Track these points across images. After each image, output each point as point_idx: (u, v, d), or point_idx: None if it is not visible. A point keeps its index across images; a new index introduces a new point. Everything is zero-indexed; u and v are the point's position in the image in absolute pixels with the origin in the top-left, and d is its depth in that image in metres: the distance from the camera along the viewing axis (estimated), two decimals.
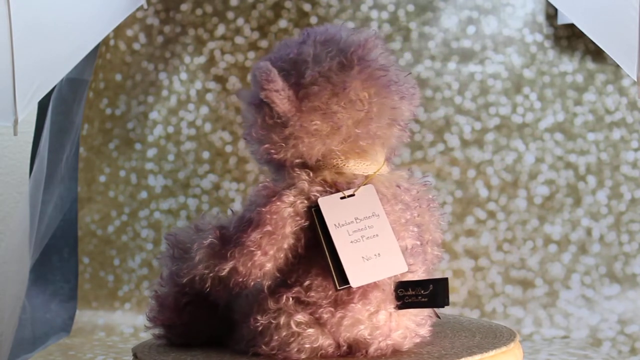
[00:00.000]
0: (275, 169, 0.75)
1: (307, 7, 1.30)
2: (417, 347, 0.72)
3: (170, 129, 1.32)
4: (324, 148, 0.72)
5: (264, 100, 0.71)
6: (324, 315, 0.69)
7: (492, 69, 1.27)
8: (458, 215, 1.26)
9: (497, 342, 0.75)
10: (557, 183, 1.25)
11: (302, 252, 0.71)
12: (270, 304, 0.70)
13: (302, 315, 0.69)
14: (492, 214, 1.26)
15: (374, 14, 1.29)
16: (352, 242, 0.70)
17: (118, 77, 1.33)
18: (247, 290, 0.73)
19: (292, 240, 0.70)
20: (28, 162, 1.38)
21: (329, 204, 0.70)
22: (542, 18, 1.27)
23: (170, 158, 1.32)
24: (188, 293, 0.77)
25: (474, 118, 1.26)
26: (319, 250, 0.70)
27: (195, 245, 0.73)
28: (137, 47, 1.33)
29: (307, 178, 0.72)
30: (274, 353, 0.70)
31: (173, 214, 1.31)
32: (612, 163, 1.25)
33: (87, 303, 1.31)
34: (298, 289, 0.70)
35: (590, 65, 1.26)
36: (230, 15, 1.31)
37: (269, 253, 0.70)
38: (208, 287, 0.72)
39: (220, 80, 1.31)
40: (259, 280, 0.71)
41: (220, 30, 1.31)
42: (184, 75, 1.32)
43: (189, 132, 1.32)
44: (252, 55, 1.30)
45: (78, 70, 1.30)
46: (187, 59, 1.32)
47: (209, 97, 1.31)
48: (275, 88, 0.71)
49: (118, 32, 1.32)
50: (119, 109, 1.33)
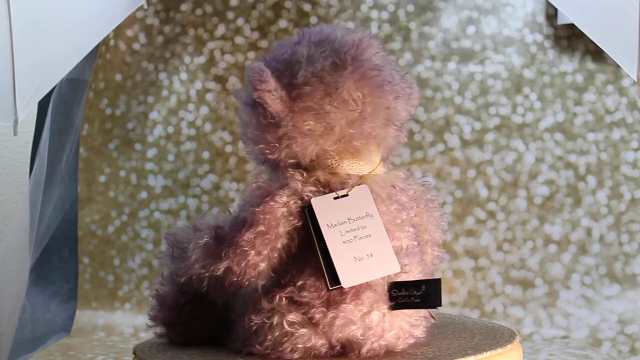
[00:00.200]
0: (271, 169, 0.76)
1: (307, 7, 1.30)
2: (412, 348, 0.72)
3: (170, 129, 1.32)
4: (318, 148, 0.72)
5: (258, 101, 0.72)
6: (316, 316, 0.68)
7: (492, 69, 1.27)
8: (458, 215, 1.26)
9: (496, 342, 0.74)
10: (557, 183, 1.25)
11: (296, 252, 0.71)
12: (264, 304, 0.71)
13: (294, 315, 0.69)
14: (492, 214, 1.26)
15: (374, 14, 1.29)
16: (344, 242, 0.70)
17: (118, 77, 1.33)
18: (244, 290, 0.73)
19: (285, 240, 0.71)
20: (28, 162, 1.38)
21: (322, 204, 0.70)
22: (542, 18, 1.27)
23: (170, 158, 1.32)
24: (187, 292, 0.77)
25: (474, 118, 1.26)
26: (313, 251, 0.70)
27: (191, 245, 0.73)
28: (137, 47, 1.33)
29: (300, 178, 0.72)
30: (268, 353, 0.70)
31: (173, 214, 1.31)
32: (612, 163, 1.25)
33: (87, 303, 1.31)
34: (291, 289, 0.70)
35: (590, 65, 1.26)
36: (230, 15, 1.31)
37: (263, 253, 0.70)
38: (205, 286, 0.73)
39: (220, 80, 1.31)
40: (254, 280, 0.71)
41: (220, 30, 1.31)
42: (184, 75, 1.32)
43: (189, 132, 1.32)
44: (252, 55, 1.30)
45: (78, 70, 1.30)
46: (187, 59, 1.32)
47: (209, 97, 1.31)
48: (268, 88, 0.71)
49: (118, 32, 1.32)
50: (119, 109, 1.33)
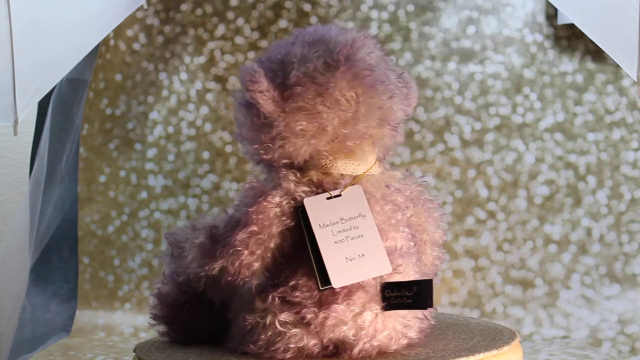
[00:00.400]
0: (267, 169, 0.76)
1: (307, 7, 1.30)
2: (407, 349, 0.72)
3: (170, 129, 1.32)
4: (311, 148, 0.72)
5: (251, 101, 0.72)
6: (308, 315, 0.68)
7: (492, 69, 1.27)
8: (458, 215, 1.26)
9: (496, 342, 0.74)
10: (557, 183, 1.25)
11: (290, 252, 0.71)
12: (258, 304, 0.71)
13: (286, 315, 0.69)
14: (492, 214, 1.26)
15: (374, 14, 1.29)
16: (336, 242, 0.70)
17: (118, 77, 1.33)
18: (240, 290, 0.73)
19: (279, 240, 0.71)
20: (28, 162, 1.38)
21: (315, 204, 0.70)
22: (542, 18, 1.27)
23: (170, 158, 1.32)
24: (187, 292, 0.78)
25: (474, 118, 1.26)
26: (306, 251, 0.70)
27: (188, 245, 0.74)
28: (137, 47, 1.33)
29: (294, 178, 0.72)
30: (261, 352, 0.70)
31: (173, 214, 1.31)
32: (612, 163, 1.25)
33: (87, 303, 1.31)
34: (284, 289, 0.70)
35: (590, 65, 1.26)
36: (230, 15, 1.31)
37: (256, 253, 0.70)
38: (202, 285, 0.73)
39: (220, 80, 1.31)
40: (248, 280, 0.71)
41: (220, 30, 1.31)
42: (184, 75, 1.32)
43: (189, 132, 1.32)
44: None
45: (78, 70, 1.30)
46: (187, 59, 1.32)
47: (209, 97, 1.31)
48: (260, 89, 0.71)
49: (118, 32, 1.32)
50: (119, 109, 1.33)
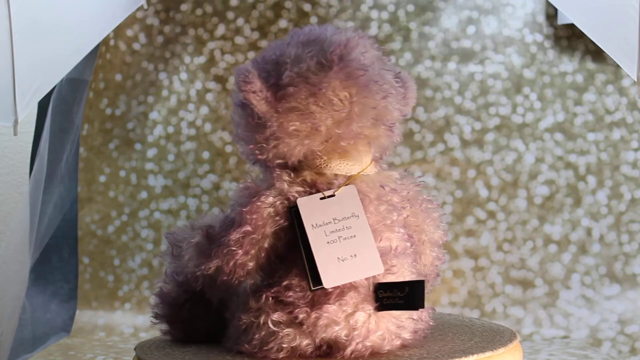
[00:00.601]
0: (263, 169, 0.76)
1: (307, 7, 1.30)
2: (401, 349, 0.71)
3: (170, 129, 1.32)
4: (305, 148, 0.72)
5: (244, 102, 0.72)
6: (300, 315, 0.69)
7: (492, 69, 1.27)
8: (458, 215, 1.26)
9: (496, 342, 0.74)
10: (557, 183, 1.25)
11: (284, 252, 0.72)
12: (252, 303, 0.71)
13: (279, 315, 0.69)
14: (492, 214, 1.26)
15: (374, 14, 1.29)
16: (328, 242, 0.70)
17: (118, 77, 1.33)
18: (236, 289, 0.74)
19: (273, 240, 0.71)
20: (28, 162, 1.38)
21: (308, 205, 0.71)
22: (542, 18, 1.27)
23: (170, 158, 1.32)
24: (187, 291, 0.78)
25: (474, 118, 1.26)
26: (300, 251, 0.70)
27: (185, 244, 0.75)
28: (137, 47, 1.33)
29: (288, 178, 0.72)
30: (255, 352, 0.70)
31: (173, 214, 1.31)
32: (612, 163, 1.25)
33: (87, 303, 1.31)
34: (277, 289, 0.70)
35: (590, 65, 1.26)
36: (230, 15, 1.31)
37: (250, 253, 0.71)
38: (199, 285, 0.74)
39: (220, 80, 1.31)
40: (243, 280, 0.72)
41: (220, 30, 1.31)
42: (184, 75, 1.32)
43: (189, 132, 1.32)
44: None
45: (78, 70, 1.30)
46: (187, 59, 1.32)
47: (209, 97, 1.31)
48: (253, 89, 0.71)
49: (118, 32, 1.32)
50: (119, 109, 1.33)
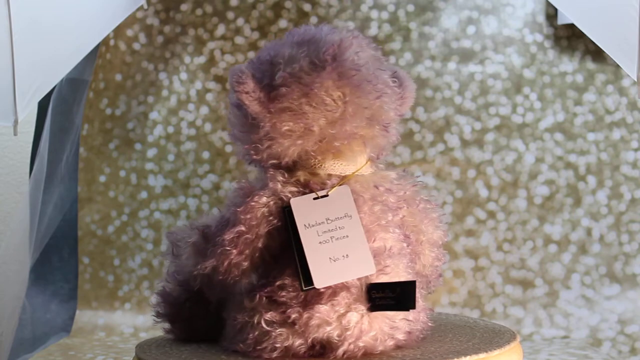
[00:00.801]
0: (259, 169, 0.77)
1: (307, 7, 1.30)
2: (396, 350, 0.71)
3: (170, 129, 1.32)
4: (298, 149, 0.72)
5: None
6: (293, 315, 0.69)
7: (492, 69, 1.27)
8: (458, 215, 1.26)
9: (496, 342, 0.74)
10: (557, 183, 1.25)
11: (278, 252, 0.72)
12: (247, 303, 0.71)
13: (272, 315, 0.69)
14: (492, 214, 1.26)
15: (374, 14, 1.29)
16: (320, 242, 0.70)
17: (118, 77, 1.33)
18: (232, 289, 0.74)
19: (266, 240, 0.72)
20: (28, 162, 1.38)
21: (301, 205, 0.71)
22: (542, 18, 1.27)
23: (170, 158, 1.32)
24: (187, 290, 0.79)
25: (474, 118, 1.26)
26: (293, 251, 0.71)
27: (182, 244, 0.75)
28: (137, 47, 1.33)
29: (281, 179, 0.73)
30: (249, 351, 0.71)
31: (173, 214, 1.31)
32: (612, 163, 1.25)
33: (87, 303, 1.31)
34: (271, 288, 0.70)
35: (590, 65, 1.26)
36: (230, 15, 1.31)
37: (245, 253, 0.71)
38: (197, 284, 0.75)
39: (220, 80, 1.31)
40: (238, 279, 0.72)
41: (220, 30, 1.31)
42: (184, 75, 1.32)
43: (189, 132, 1.32)
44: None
45: (78, 70, 1.30)
46: (187, 59, 1.32)
47: (209, 97, 1.31)
48: (246, 90, 0.72)
49: (118, 32, 1.32)
50: (119, 109, 1.33)
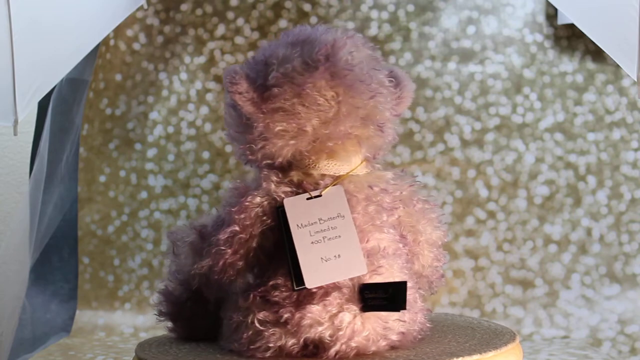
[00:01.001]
0: (255, 169, 0.77)
1: (307, 7, 1.30)
2: (390, 351, 0.71)
3: (170, 129, 1.32)
4: (292, 149, 0.72)
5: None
6: (285, 315, 0.69)
7: (492, 69, 1.27)
8: (458, 215, 1.26)
9: (496, 342, 0.74)
10: (557, 183, 1.25)
11: (272, 251, 0.72)
12: (241, 302, 0.72)
13: (265, 314, 0.70)
14: (492, 214, 1.26)
15: (374, 14, 1.29)
16: (312, 242, 0.70)
17: (118, 77, 1.33)
18: (230, 288, 0.74)
19: (261, 240, 0.72)
20: (28, 162, 1.38)
21: (294, 205, 0.71)
22: (542, 18, 1.27)
23: (170, 158, 1.32)
24: (188, 289, 0.79)
25: (474, 118, 1.26)
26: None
27: (180, 243, 0.76)
28: (137, 47, 1.33)
29: (275, 179, 0.73)
30: (244, 350, 0.71)
31: (173, 214, 1.31)
32: (612, 163, 1.25)
33: (87, 303, 1.31)
34: (264, 288, 0.71)
35: (590, 65, 1.26)
36: (230, 15, 1.31)
37: (239, 252, 0.71)
38: (196, 283, 0.75)
39: (220, 80, 1.31)
40: (234, 279, 0.73)
41: (220, 30, 1.31)
42: (184, 75, 1.32)
43: (189, 132, 1.32)
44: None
45: (78, 70, 1.30)
46: (187, 59, 1.32)
47: (209, 97, 1.31)
48: (239, 90, 0.72)
49: (118, 32, 1.32)
50: (119, 109, 1.33)
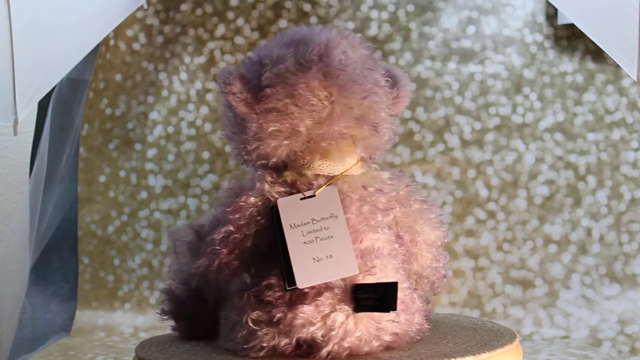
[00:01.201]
0: (251, 169, 0.77)
1: (307, 7, 1.30)
2: (384, 352, 0.71)
3: (170, 129, 1.32)
4: (286, 149, 0.72)
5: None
6: (277, 315, 0.69)
7: (492, 69, 1.27)
8: (458, 215, 1.26)
9: (496, 342, 0.74)
10: (557, 183, 1.25)
11: (266, 251, 0.72)
12: (236, 302, 0.72)
13: (258, 314, 0.70)
14: (492, 214, 1.26)
15: (374, 14, 1.29)
16: (305, 242, 0.70)
17: (118, 77, 1.33)
18: (227, 287, 0.75)
19: (255, 240, 0.72)
20: (28, 162, 1.38)
21: (288, 205, 0.71)
22: (542, 18, 1.27)
23: (170, 158, 1.32)
24: (189, 288, 0.79)
25: (474, 118, 1.26)
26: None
27: (178, 243, 0.77)
28: (137, 47, 1.33)
29: (270, 179, 0.73)
30: (238, 350, 0.71)
31: (173, 214, 1.31)
32: (612, 163, 1.25)
33: (87, 303, 1.31)
34: (258, 288, 0.71)
35: (590, 65, 1.26)
36: (230, 15, 1.31)
37: (234, 252, 0.72)
38: (195, 283, 0.76)
39: None
40: (229, 278, 0.73)
41: (220, 30, 1.31)
42: (184, 75, 1.32)
43: (189, 132, 1.32)
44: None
45: (78, 70, 1.30)
46: (187, 59, 1.32)
47: (209, 97, 1.31)
48: (232, 91, 0.72)
49: (118, 32, 1.32)
50: (119, 109, 1.33)
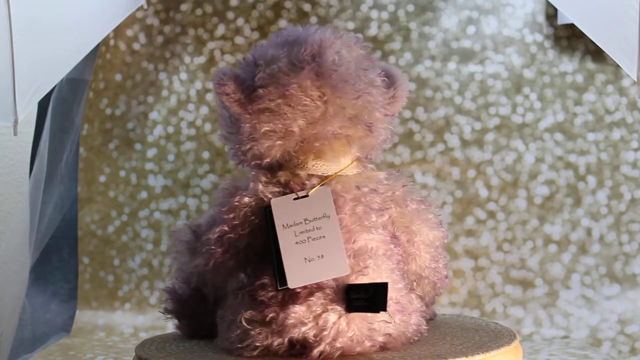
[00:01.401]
0: (247, 169, 0.78)
1: (307, 7, 1.30)
2: (378, 352, 0.71)
3: (170, 129, 1.32)
4: (280, 149, 0.72)
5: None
6: (270, 315, 0.69)
7: (492, 69, 1.27)
8: (458, 215, 1.26)
9: (496, 342, 0.74)
10: (557, 183, 1.25)
11: (261, 251, 0.72)
12: (232, 301, 0.72)
13: (251, 314, 0.70)
14: (492, 214, 1.26)
15: (374, 14, 1.29)
16: (297, 242, 0.70)
17: (118, 77, 1.33)
18: (224, 286, 0.75)
19: (249, 240, 0.72)
20: (28, 162, 1.38)
21: (281, 205, 0.71)
22: (542, 18, 1.27)
23: (170, 158, 1.32)
24: (189, 287, 0.80)
25: (474, 118, 1.26)
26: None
27: (176, 242, 0.77)
28: (137, 47, 1.33)
29: (264, 179, 0.73)
30: (233, 349, 0.71)
31: (173, 214, 1.31)
32: (612, 163, 1.25)
33: (87, 303, 1.31)
34: (252, 288, 0.71)
35: (590, 65, 1.26)
36: (230, 15, 1.31)
37: (229, 252, 0.72)
38: (194, 282, 0.77)
39: None
40: (225, 277, 0.73)
41: (220, 30, 1.31)
42: (184, 75, 1.32)
43: (189, 132, 1.32)
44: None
45: (78, 70, 1.30)
46: (187, 59, 1.32)
47: (209, 97, 1.31)
48: (226, 91, 0.73)
49: (118, 32, 1.32)
50: (119, 109, 1.33)
